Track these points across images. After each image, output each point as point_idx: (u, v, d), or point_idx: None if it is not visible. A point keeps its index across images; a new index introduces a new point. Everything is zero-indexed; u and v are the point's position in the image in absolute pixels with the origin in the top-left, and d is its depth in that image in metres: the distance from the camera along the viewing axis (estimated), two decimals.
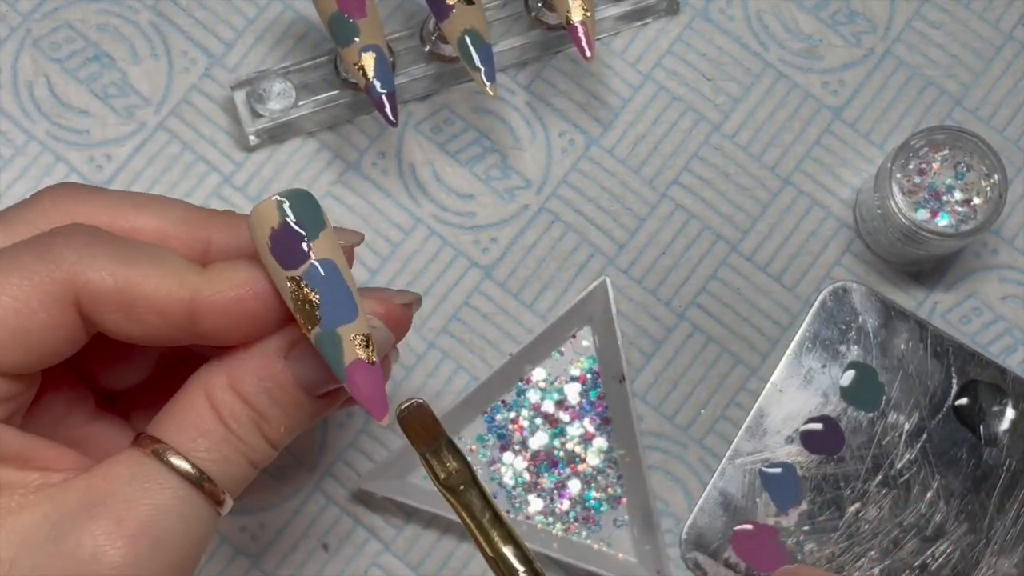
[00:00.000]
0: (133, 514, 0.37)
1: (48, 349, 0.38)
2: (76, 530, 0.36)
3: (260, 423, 0.39)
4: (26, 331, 0.37)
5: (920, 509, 0.54)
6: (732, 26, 0.58)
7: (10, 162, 0.56)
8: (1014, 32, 0.59)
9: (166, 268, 0.38)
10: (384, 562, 0.53)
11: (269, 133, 0.56)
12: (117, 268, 0.38)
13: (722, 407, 0.55)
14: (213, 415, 0.39)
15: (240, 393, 0.39)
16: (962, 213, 0.53)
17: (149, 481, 0.37)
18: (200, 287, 0.38)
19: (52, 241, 0.38)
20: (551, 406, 0.55)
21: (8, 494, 0.37)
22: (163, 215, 0.41)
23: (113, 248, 0.38)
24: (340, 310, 0.38)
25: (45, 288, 0.37)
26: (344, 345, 0.38)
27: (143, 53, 0.57)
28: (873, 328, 0.55)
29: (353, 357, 0.39)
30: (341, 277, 0.39)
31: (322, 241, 0.39)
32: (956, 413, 0.54)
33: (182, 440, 0.38)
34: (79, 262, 0.37)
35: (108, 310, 0.38)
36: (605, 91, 0.58)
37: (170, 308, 0.38)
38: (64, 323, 0.38)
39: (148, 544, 0.37)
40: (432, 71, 0.56)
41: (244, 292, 0.39)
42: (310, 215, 0.39)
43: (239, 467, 0.39)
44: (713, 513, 0.54)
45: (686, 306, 0.56)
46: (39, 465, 0.38)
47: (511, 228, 0.56)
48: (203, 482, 0.38)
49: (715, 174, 0.57)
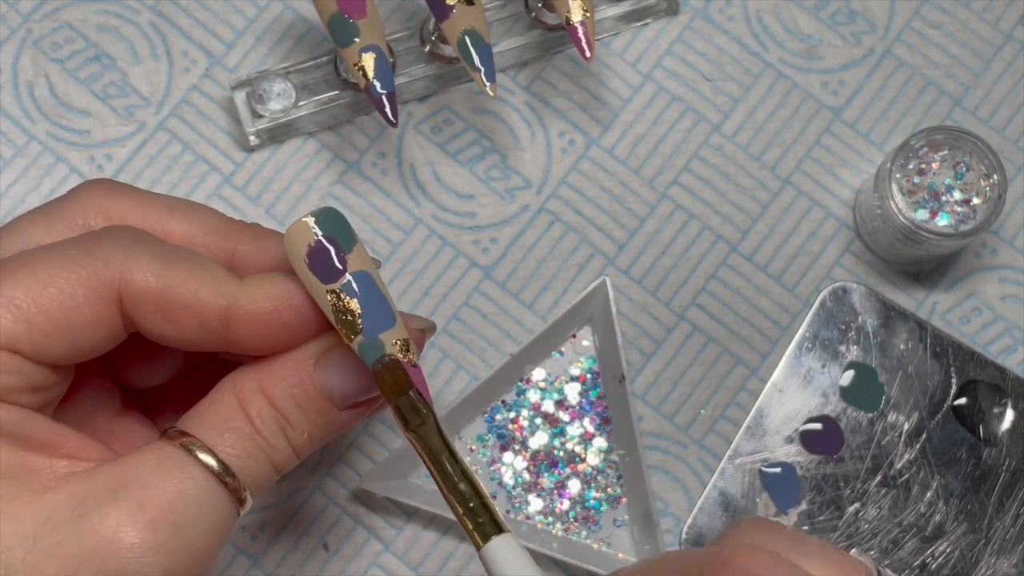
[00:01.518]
0: (156, 499, 0.38)
1: (89, 343, 0.39)
2: (100, 510, 0.37)
3: (285, 427, 0.41)
4: (71, 324, 0.38)
5: (919, 509, 0.54)
6: (732, 26, 0.58)
7: (10, 162, 0.56)
8: (1014, 32, 0.59)
9: (206, 276, 0.40)
10: (384, 562, 0.53)
11: (269, 133, 0.56)
12: (160, 270, 0.39)
13: (722, 407, 0.55)
14: (241, 414, 0.40)
15: (268, 396, 0.40)
16: (961, 213, 0.53)
17: (174, 469, 0.39)
18: (237, 297, 0.40)
19: (100, 240, 0.39)
20: (551, 406, 0.55)
21: (36, 477, 0.38)
22: (193, 221, 0.42)
23: (157, 251, 0.40)
24: (379, 318, 0.40)
25: (92, 284, 0.39)
26: (387, 351, 0.40)
27: (143, 53, 0.57)
28: (873, 328, 0.55)
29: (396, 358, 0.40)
30: (377, 287, 0.41)
31: (355, 255, 0.41)
32: (956, 413, 0.54)
33: (209, 435, 0.40)
34: (125, 262, 0.39)
35: (147, 310, 0.39)
36: (605, 91, 0.58)
37: (206, 314, 0.39)
38: (106, 319, 0.39)
39: (168, 529, 0.38)
40: (432, 71, 0.56)
41: (279, 304, 0.40)
42: (341, 231, 0.41)
43: (262, 467, 0.40)
44: (713, 513, 0.54)
45: (686, 306, 0.56)
46: (67, 454, 0.39)
47: (511, 228, 0.56)
48: (226, 476, 0.39)
49: (715, 174, 0.57)
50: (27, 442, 0.38)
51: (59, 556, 0.37)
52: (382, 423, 0.55)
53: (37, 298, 0.38)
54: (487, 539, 0.38)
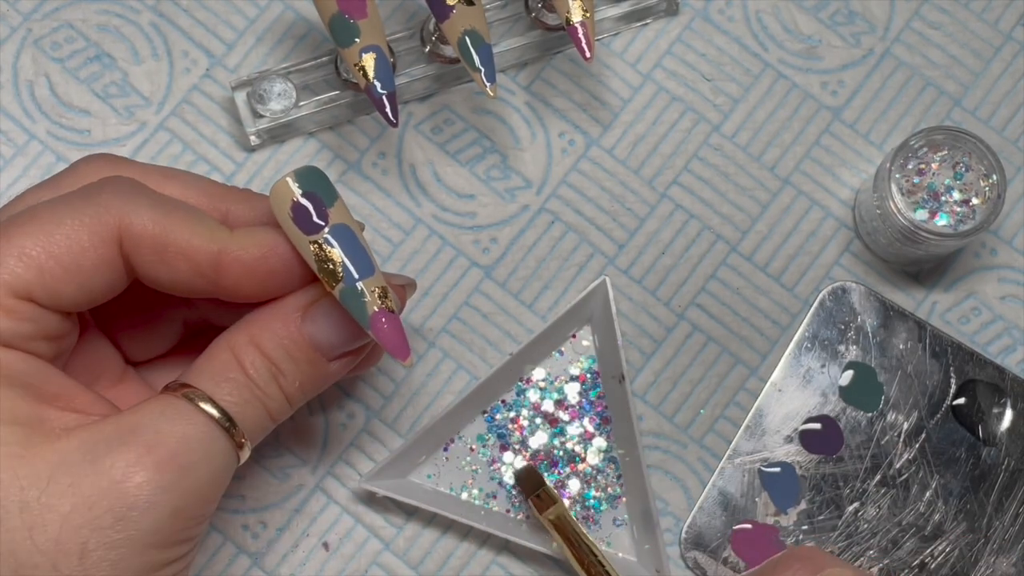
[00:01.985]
0: (162, 443, 0.40)
1: (97, 286, 0.42)
2: (110, 455, 0.40)
3: (277, 376, 0.43)
4: (79, 267, 0.41)
5: (919, 508, 0.54)
6: (732, 26, 0.59)
7: (11, 162, 0.56)
8: (1013, 32, 0.59)
9: (200, 224, 0.42)
10: (384, 561, 0.53)
11: (270, 133, 0.56)
12: (157, 216, 0.42)
13: (721, 407, 0.55)
14: (236, 366, 0.43)
15: (260, 348, 0.43)
16: (961, 213, 0.54)
17: (178, 417, 0.41)
18: (228, 243, 0.42)
19: (101, 188, 0.42)
20: (551, 405, 0.55)
21: (48, 426, 0.40)
22: (188, 186, 0.45)
23: (154, 200, 0.42)
24: (359, 267, 0.43)
25: (95, 228, 0.41)
26: (367, 297, 0.43)
27: (144, 53, 0.57)
28: (872, 328, 0.55)
29: (375, 307, 0.43)
30: (356, 239, 0.43)
31: (336, 209, 0.43)
32: (955, 413, 0.55)
33: (208, 385, 0.42)
34: (125, 207, 0.41)
35: (145, 253, 0.42)
36: (605, 91, 0.58)
37: (199, 257, 0.42)
38: (111, 261, 0.41)
39: (175, 470, 0.40)
40: (432, 71, 0.56)
41: (267, 252, 0.43)
42: (323, 187, 0.43)
43: (258, 413, 0.43)
44: (712, 512, 0.54)
45: (686, 306, 0.56)
46: (76, 408, 0.41)
47: (511, 228, 0.57)
48: (226, 422, 0.42)
49: (715, 174, 0.57)
50: (40, 393, 0.41)
51: (73, 495, 0.39)
52: (383, 423, 0.55)
53: (46, 245, 0.40)
54: None
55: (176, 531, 0.41)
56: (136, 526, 0.39)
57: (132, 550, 0.39)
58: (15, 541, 0.38)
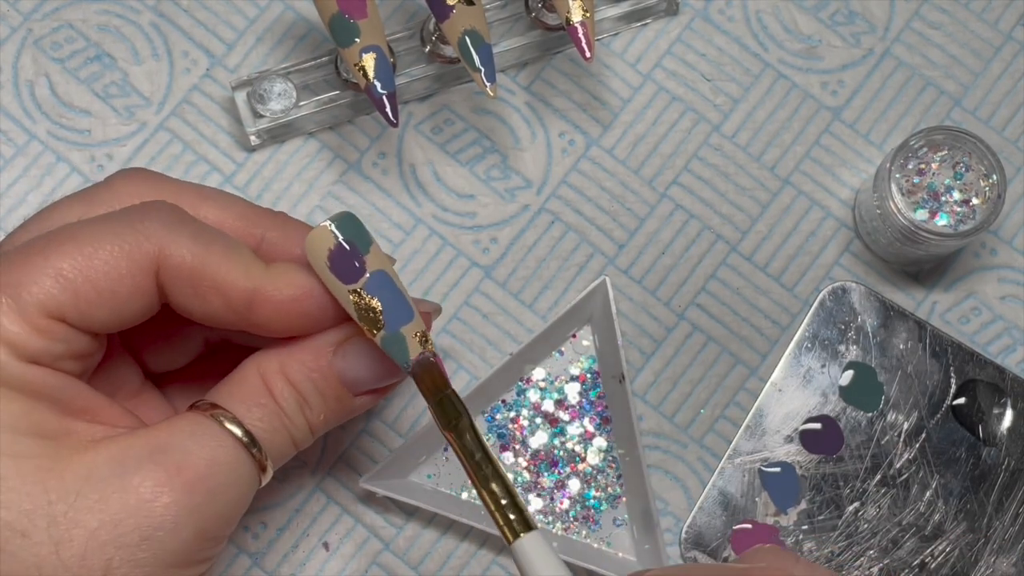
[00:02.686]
0: (191, 464, 0.40)
1: (128, 312, 0.42)
2: (139, 472, 0.40)
3: (304, 407, 0.44)
4: (114, 293, 0.41)
5: (919, 508, 0.54)
6: (732, 26, 0.59)
7: (11, 162, 0.56)
8: (1013, 32, 0.59)
9: (237, 259, 0.42)
10: (385, 561, 0.53)
11: (270, 133, 0.56)
12: (196, 249, 0.42)
13: (722, 407, 0.55)
14: (266, 392, 0.43)
15: (289, 378, 0.43)
16: (961, 213, 0.54)
17: (208, 437, 0.41)
18: (263, 282, 0.42)
19: (144, 214, 0.42)
20: (551, 405, 0.55)
21: (76, 439, 0.40)
22: (224, 208, 0.45)
23: (195, 231, 0.42)
24: (399, 313, 0.43)
25: (134, 256, 0.41)
26: (408, 343, 0.43)
27: (144, 53, 0.57)
28: (872, 328, 0.55)
29: (417, 351, 0.43)
30: (394, 284, 0.43)
31: (372, 255, 0.43)
32: (955, 413, 0.55)
33: (238, 408, 0.43)
34: (166, 237, 0.42)
35: (180, 285, 0.42)
36: (605, 91, 0.58)
37: (233, 294, 0.42)
38: (145, 289, 0.42)
39: (201, 493, 0.40)
40: (432, 71, 0.56)
41: (301, 293, 0.43)
42: (359, 234, 0.43)
43: (283, 440, 0.43)
44: (712, 512, 0.54)
45: (686, 306, 0.56)
46: (103, 420, 0.41)
47: (511, 228, 0.57)
48: (253, 447, 0.42)
49: (715, 174, 0.57)
50: (68, 407, 0.41)
51: (101, 511, 0.39)
52: (383, 423, 0.55)
53: (83, 269, 0.40)
54: (517, 536, 0.40)
55: (198, 551, 0.41)
56: (161, 546, 0.39)
57: (155, 569, 0.40)
58: (41, 555, 0.38)
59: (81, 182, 0.56)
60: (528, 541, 0.40)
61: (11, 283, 0.40)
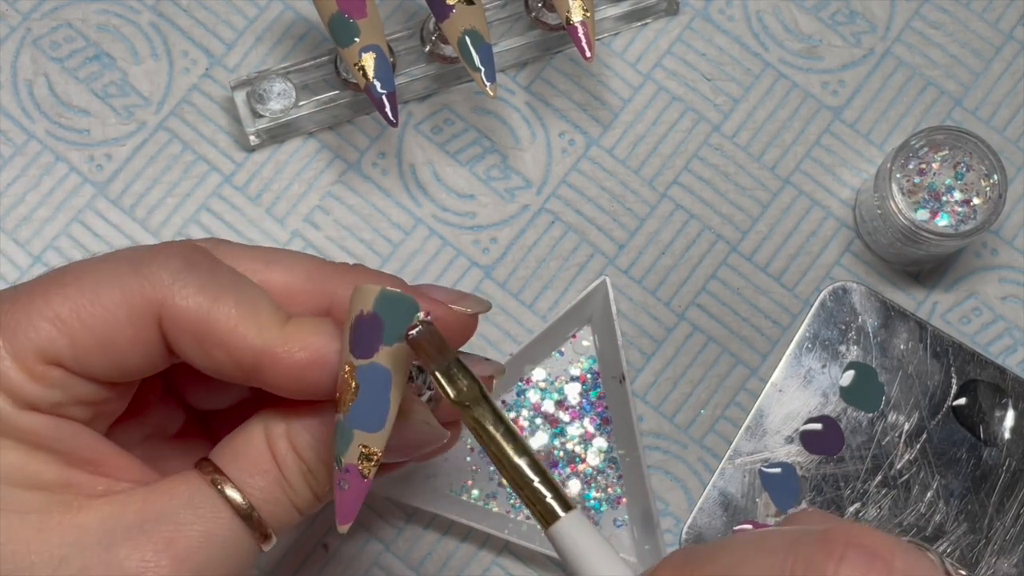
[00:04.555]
0: (183, 537, 0.38)
1: (130, 364, 0.39)
2: (128, 542, 0.38)
3: (307, 475, 0.40)
4: (111, 342, 0.38)
5: (920, 509, 0.54)
6: (732, 26, 0.58)
7: (10, 161, 0.56)
8: (1014, 32, 0.59)
9: (249, 314, 0.39)
10: (384, 562, 0.53)
11: (269, 133, 0.56)
12: (203, 301, 0.39)
13: (722, 407, 0.55)
14: (270, 457, 0.40)
15: (294, 445, 0.40)
16: (962, 213, 0.53)
17: (204, 508, 0.39)
18: (274, 342, 0.39)
19: (153, 259, 0.39)
20: (551, 406, 0.55)
21: (73, 494, 0.38)
22: (291, 270, 0.42)
23: (205, 280, 0.39)
24: (368, 417, 0.38)
25: (134, 303, 0.38)
26: (351, 447, 0.39)
27: (143, 53, 0.57)
28: (873, 328, 0.55)
29: (353, 461, 0.39)
30: (387, 392, 0.38)
31: (393, 351, 0.38)
32: (956, 413, 0.54)
33: (240, 474, 0.40)
34: (171, 286, 0.39)
35: (184, 338, 0.39)
36: (605, 91, 0.58)
37: (239, 353, 0.39)
38: (147, 340, 0.39)
39: (192, 568, 0.38)
40: (432, 71, 0.56)
41: (312, 359, 0.39)
42: (396, 322, 0.38)
43: (286, 510, 0.41)
44: (713, 513, 0.54)
45: (686, 306, 0.56)
46: (106, 472, 0.39)
47: (511, 228, 0.56)
48: (252, 517, 0.39)
49: (715, 174, 0.57)
50: (70, 457, 0.39)
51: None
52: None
53: (82, 314, 0.38)
54: (555, 518, 0.36)
55: None
56: None
57: None
58: None
59: (80, 182, 0.56)
60: (569, 522, 0.36)
61: (9, 325, 0.38)
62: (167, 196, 0.56)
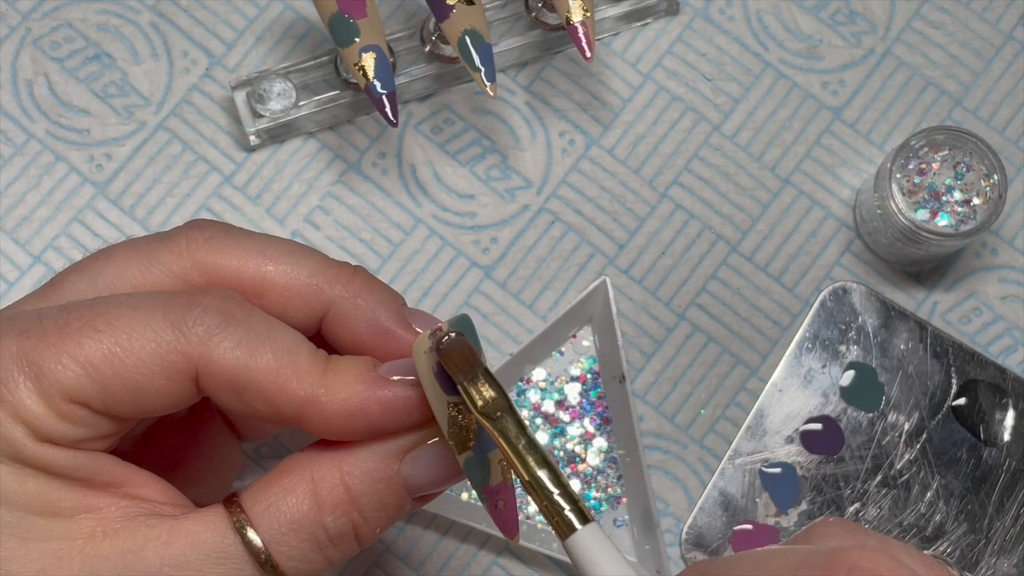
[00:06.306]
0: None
1: (158, 406, 0.39)
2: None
3: (360, 525, 0.39)
4: (142, 390, 0.38)
5: (920, 509, 0.54)
6: (732, 26, 0.58)
7: (9, 161, 0.56)
8: (1014, 32, 0.59)
9: (288, 365, 0.38)
10: (385, 562, 0.53)
11: (269, 133, 0.56)
12: (241, 357, 0.38)
13: (722, 407, 0.55)
14: (312, 511, 0.39)
15: (351, 492, 0.39)
16: (962, 213, 0.53)
17: (225, 564, 0.38)
18: (316, 390, 0.38)
19: (189, 312, 0.38)
20: (551, 406, 0.55)
21: (95, 518, 0.38)
22: (294, 265, 0.41)
23: (242, 335, 0.38)
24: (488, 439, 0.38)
25: (170, 357, 0.38)
26: (493, 471, 0.39)
27: (143, 53, 0.57)
28: (873, 328, 0.55)
29: (498, 480, 0.40)
30: None
31: None
32: (956, 413, 0.54)
33: (272, 528, 0.38)
34: (208, 342, 0.38)
35: (222, 391, 0.39)
36: (605, 91, 0.58)
37: (281, 403, 0.38)
38: (179, 390, 0.39)
39: None
40: (432, 71, 0.56)
41: (359, 407, 0.39)
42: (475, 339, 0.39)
43: (316, 566, 0.39)
44: (713, 513, 0.54)
45: (686, 306, 0.56)
46: (129, 493, 0.39)
47: (511, 228, 0.56)
48: (276, 572, 0.38)
49: (715, 174, 0.57)
50: (90, 483, 0.38)
51: None
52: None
53: (115, 363, 0.38)
54: (573, 530, 0.36)
55: None
56: None
57: None
58: None
59: (80, 182, 0.56)
60: (586, 535, 0.36)
61: (36, 361, 0.37)
62: (167, 196, 0.56)
